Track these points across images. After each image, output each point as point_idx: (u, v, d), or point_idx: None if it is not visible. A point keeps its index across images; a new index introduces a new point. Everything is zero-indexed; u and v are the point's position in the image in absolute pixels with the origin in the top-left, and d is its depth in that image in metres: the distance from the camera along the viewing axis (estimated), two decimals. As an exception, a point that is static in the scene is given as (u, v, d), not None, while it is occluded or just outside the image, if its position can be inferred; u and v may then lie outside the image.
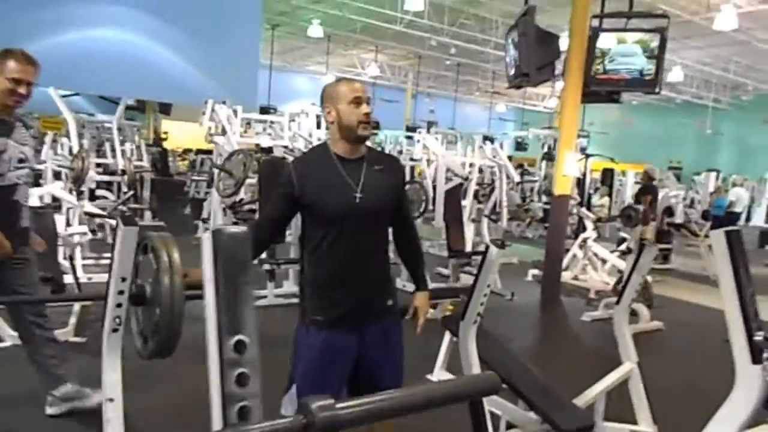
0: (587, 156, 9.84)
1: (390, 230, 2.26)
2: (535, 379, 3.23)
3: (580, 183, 9.18)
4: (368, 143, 2.16)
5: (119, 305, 1.90)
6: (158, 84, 12.27)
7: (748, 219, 18.19)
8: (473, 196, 7.07)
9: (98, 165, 9.07)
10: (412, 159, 10.19)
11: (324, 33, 17.00)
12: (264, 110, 13.70)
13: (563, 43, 6.17)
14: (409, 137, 13.65)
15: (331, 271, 2.05)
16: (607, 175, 13.06)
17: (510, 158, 21.18)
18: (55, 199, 6.21)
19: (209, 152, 11.23)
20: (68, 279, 4.52)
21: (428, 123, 20.77)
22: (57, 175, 7.60)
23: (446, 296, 3.96)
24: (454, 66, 21.05)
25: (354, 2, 14.24)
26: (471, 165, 7.13)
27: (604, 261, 7.16)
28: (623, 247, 7.19)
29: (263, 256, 5.48)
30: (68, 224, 5.70)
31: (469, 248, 6.89)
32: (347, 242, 2.02)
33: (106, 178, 9.11)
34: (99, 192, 8.58)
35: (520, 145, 20.06)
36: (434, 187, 6.89)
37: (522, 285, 7.23)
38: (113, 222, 2.44)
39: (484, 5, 14.55)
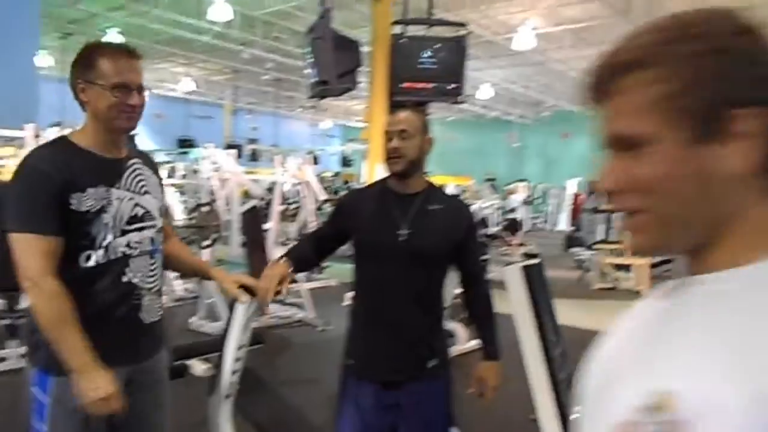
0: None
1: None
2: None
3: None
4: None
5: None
6: None
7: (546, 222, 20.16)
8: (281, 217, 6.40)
9: None
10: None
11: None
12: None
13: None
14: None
15: (367, 308, 1.97)
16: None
17: (337, 174, 21.08)
18: None
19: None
20: None
21: (249, 140, 19.93)
22: None
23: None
24: (274, 81, 20.36)
25: (156, 10, 12.92)
26: (276, 184, 6.44)
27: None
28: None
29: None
30: None
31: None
32: (385, 283, 1.91)
33: None
34: None
35: (345, 161, 20.04)
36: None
37: (339, 311, 6.69)
38: None
39: (299, 18, 14.04)
